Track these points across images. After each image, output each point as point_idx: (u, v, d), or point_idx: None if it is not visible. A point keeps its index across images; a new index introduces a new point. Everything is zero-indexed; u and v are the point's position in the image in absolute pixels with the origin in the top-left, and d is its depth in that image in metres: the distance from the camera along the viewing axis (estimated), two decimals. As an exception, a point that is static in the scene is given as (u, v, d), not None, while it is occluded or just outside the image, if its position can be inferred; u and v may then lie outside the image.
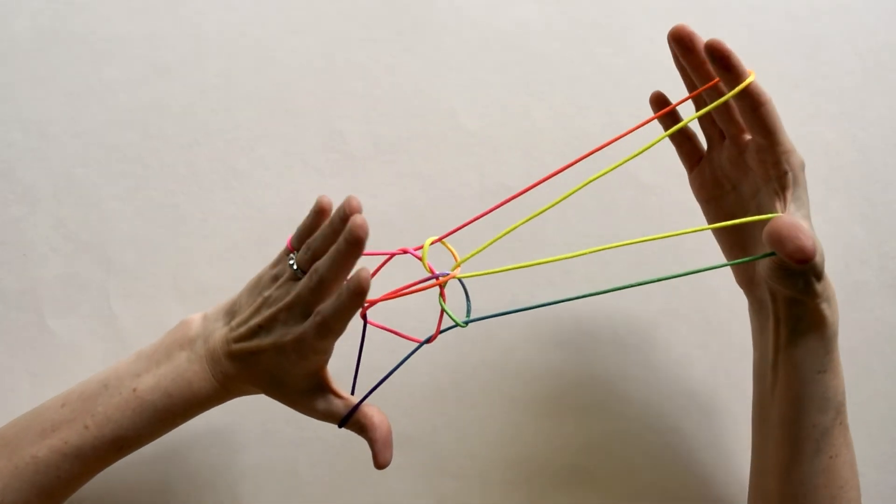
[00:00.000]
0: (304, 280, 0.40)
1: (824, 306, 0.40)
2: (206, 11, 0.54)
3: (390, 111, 0.54)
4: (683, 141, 0.47)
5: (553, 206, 0.39)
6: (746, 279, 0.45)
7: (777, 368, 0.42)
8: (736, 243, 0.45)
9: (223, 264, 0.53)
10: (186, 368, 0.42)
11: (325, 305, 0.39)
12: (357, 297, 0.38)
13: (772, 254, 0.38)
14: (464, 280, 0.42)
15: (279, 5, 0.55)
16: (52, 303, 0.53)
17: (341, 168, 0.54)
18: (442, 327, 0.41)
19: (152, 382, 0.41)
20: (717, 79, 0.41)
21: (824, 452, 0.42)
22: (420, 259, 0.40)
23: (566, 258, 0.39)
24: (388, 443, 0.43)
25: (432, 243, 0.41)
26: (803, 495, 0.42)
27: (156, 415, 0.42)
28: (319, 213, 0.42)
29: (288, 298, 0.41)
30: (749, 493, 0.47)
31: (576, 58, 0.56)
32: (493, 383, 0.53)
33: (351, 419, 0.43)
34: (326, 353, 0.42)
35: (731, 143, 0.44)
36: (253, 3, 0.54)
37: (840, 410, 0.42)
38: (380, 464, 0.43)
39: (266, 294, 0.42)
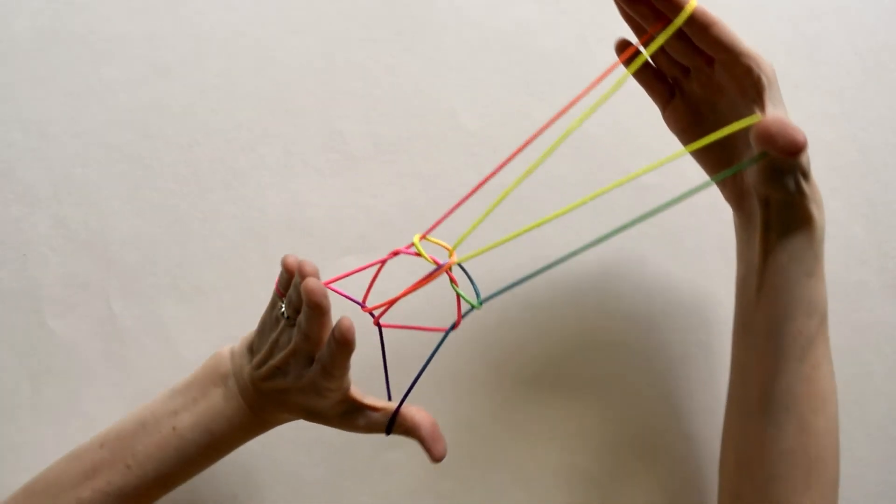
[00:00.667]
0: (296, 331, 0.41)
1: (813, 207, 0.41)
2: (206, 11, 0.54)
3: (390, 111, 0.54)
4: (653, 82, 0.47)
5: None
6: (736, 193, 0.45)
7: (765, 274, 0.42)
8: (720, 161, 0.45)
9: (223, 264, 0.53)
10: (225, 406, 0.43)
11: (322, 353, 0.40)
12: (344, 346, 0.39)
13: (762, 156, 0.38)
14: (464, 266, 0.43)
15: (279, 5, 0.55)
16: (52, 303, 0.53)
17: (341, 168, 0.54)
18: (458, 311, 0.42)
19: (191, 420, 0.42)
20: (665, 26, 0.41)
21: (808, 362, 0.42)
22: (418, 255, 0.41)
23: (554, 217, 0.38)
24: (437, 436, 0.44)
25: (420, 239, 0.41)
26: (786, 406, 0.42)
27: (198, 451, 0.43)
28: (287, 270, 0.43)
29: (290, 346, 0.41)
30: (726, 413, 0.46)
31: (576, 58, 0.56)
32: (492, 383, 0.53)
33: (394, 425, 0.44)
34: (341, 388, 0.42)
35: (698, 73, 0.44)
36: (253, 3, 0.54)
37: (824, 320, 0.43)
38: (435, 457, 0.44)
39: (273, 337, 0.43)
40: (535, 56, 0.56)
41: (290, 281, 0.43)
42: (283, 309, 0.42)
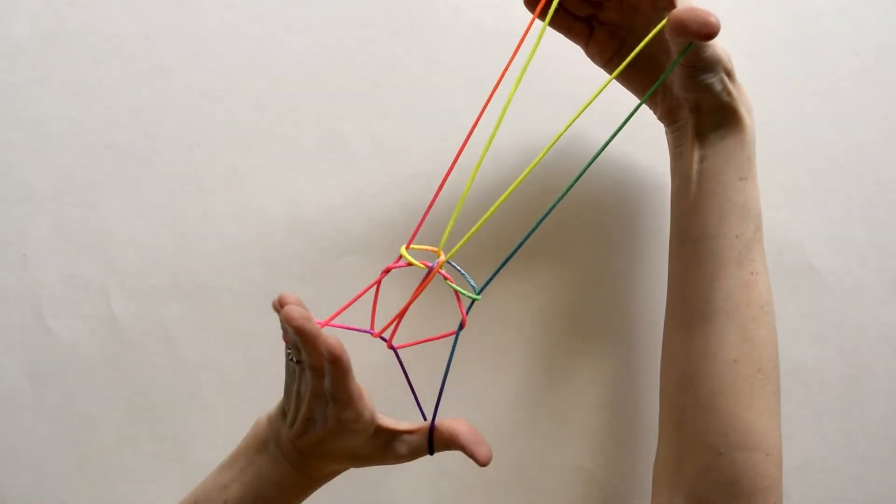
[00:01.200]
0: (307, 373, 0.42)
1: (742, 109, 0.42)
2: (206, 11, 0.54)
3: (390, 111, 0.54)
4: (570, 23, 0.48)
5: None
6: (667, 109, 0.46)
7: (700, 181, 0.43)
8: (649, 81, 0.46)
9: (223, 264, 0.53)
10: (271, 471, 0.43)
11: (326, 382, 0.41)
12: (337, 362, 0.39)
13: (686, 50, 0.39)
14: (456, 263, 0.44)
15: (279, 5, 0.55)
16: (52, 303, 0.53)
17: (341, 168, 0.54)
18: (461, 309, 0.43)
19: (241, 492, 0.43)
20: None
21: (746, 267, 0.42)
22: (409, 265, 0.42)
23: (520, 180, 0.38)
24: (478, 440, 0.45)
25: (407, 248, 0.43)
26: (727, 313, 0.42)
27: None
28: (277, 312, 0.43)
29: (308, 393, 0.42)
30: (665, 334, 0.46)
31: (576, 57, 0.56)
32: (492, 383, 0.53)
33: (435, 442, 0.44)
34: (362, 418, 0.42)
35: (608, 2, 0.45)
36: (253, 3, 0.54)
37: (759, 225, 0.43)
38: (481, 461, 0.44)
39: (294, 389, 0.43)
40: (534, 56, 0.55)
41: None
42: (290, 355, 0.43)
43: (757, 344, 0.42)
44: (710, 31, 0.37)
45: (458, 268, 0.45)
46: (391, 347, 0.45)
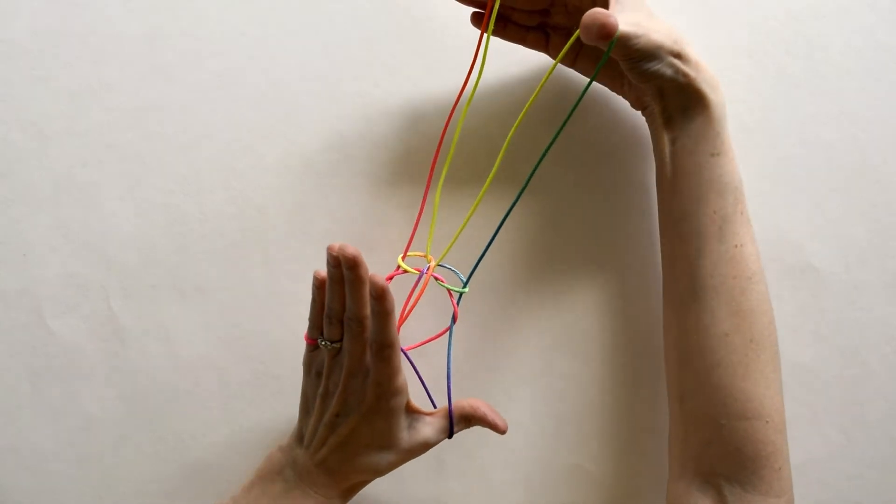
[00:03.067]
0: (346, 340, 0.43)
1: (704, 86, 0.43)
2: (206, 11, 0.54)
3: (390, 111, 0.54)
4: (523, 35, 0.49)
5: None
6: (633, 96, 0.48)
7: (674, 161, 0.44)
8: (612, 71, 0.48)
9: (223, 264, 0.53)
10: (287, 497, 0.44)
11: (372, 330, 0.42)
12: (382, 297, 0.41)
13: (608, 52, 0.40)
14: (444, 263, 0.48)
15: (279, 5, 0.55)
16: (52, 303, 0.53)
17: (341, 168, 0.54)
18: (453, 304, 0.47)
19: None
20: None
21: (728, 241, 0.43)
22: (406, 272, 0.47)
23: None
24: (493, 412, 0.47)
25: (403, 258, 0.49)
26: (713, 287, 0.43)
27: None
28: (320, 287, 0.44)
29: (345, 371, 0.43)
30: (664, 314, 0.47)
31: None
32: (492, 383, 0.53)
33: (456, 421, 0.46)
34: (401, 375, 0.44)
35: (555, 8, 0.47)
36: (253, 3, 0.54)
37: (738, 198, 0.44)
38: (501, 429, 0.47)
39: (321, 391, 0.44)
40: (534, 55, 0.55)
41: (322, 309, 0.44)
42: (325, 342, 0.44)
43: (747, 315, 0.43)
44: (606, 33, 0.38)
45: (448, 266, 0.49)
46: (404, 352, 0.47)
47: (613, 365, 0.54)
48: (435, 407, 0.49)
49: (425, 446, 0.46)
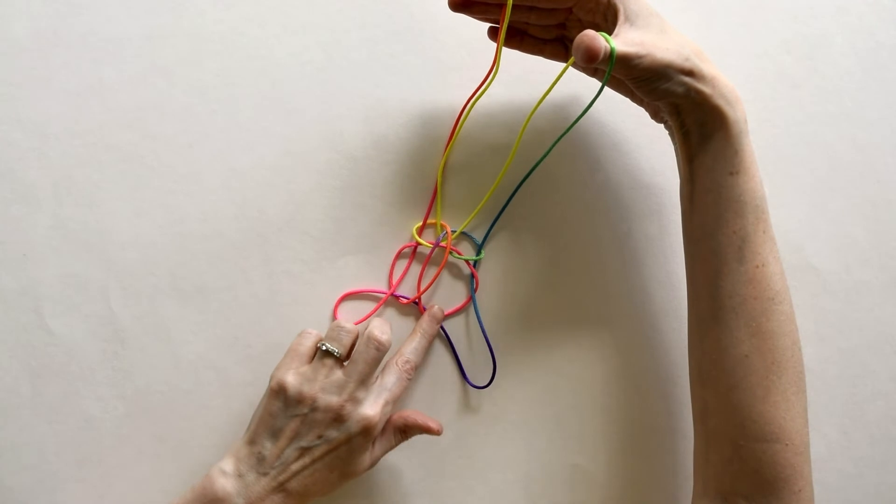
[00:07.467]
0: (363, 352, 0.45)
1: (721, 103, 0.41)
2: (205, 11, 0.54)
3: (390, 111, 0.54)
4: (542, 47, 0.49)
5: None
6: (651, 110, 0.47)
7: (693, 179, 0.43)
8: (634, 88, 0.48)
9: (223, 264, 0.53)
10: None
11: (408, 350, 0.48)
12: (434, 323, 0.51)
13: (608, 74, 0.40)
14: (460, 233, 0.52)
15: (279, 5, 0.55)
16: (52, 303, 0.53)
17: (341, 168, 0.54)
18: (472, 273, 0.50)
19: None
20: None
21: (749, 261, 0.42)
22: (422, 244, 0.52)
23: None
24: (425, 417, 0.49)
25: (418, 230, 0.53)
26: (733, 309, 0.42)
27: None
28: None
29: (352, 381, 0.45)
30: (688, 332, 0.47)
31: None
32: (492, 384, 0.53)
33: (394, 434, 0.49)
34: (382, 423, 0.47)
35: (570, 23, 0.46)
36: (253, 3, 0.54)
37: (760, 217, 0.42)
38: (436, 431, 0.49)
39: (304, 412, 0.44)
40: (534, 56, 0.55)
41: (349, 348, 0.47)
42: (330, 347, 0.45)
43: (768, 336, 0.42)
44: (591, 57, 0.37)
45: (465, 231, 0.53)
46: (441, 329, 0.52)
47: (614, 365, 0.54)
48: (466, 379, 0.53)
49: (374, 463, 0.48)
